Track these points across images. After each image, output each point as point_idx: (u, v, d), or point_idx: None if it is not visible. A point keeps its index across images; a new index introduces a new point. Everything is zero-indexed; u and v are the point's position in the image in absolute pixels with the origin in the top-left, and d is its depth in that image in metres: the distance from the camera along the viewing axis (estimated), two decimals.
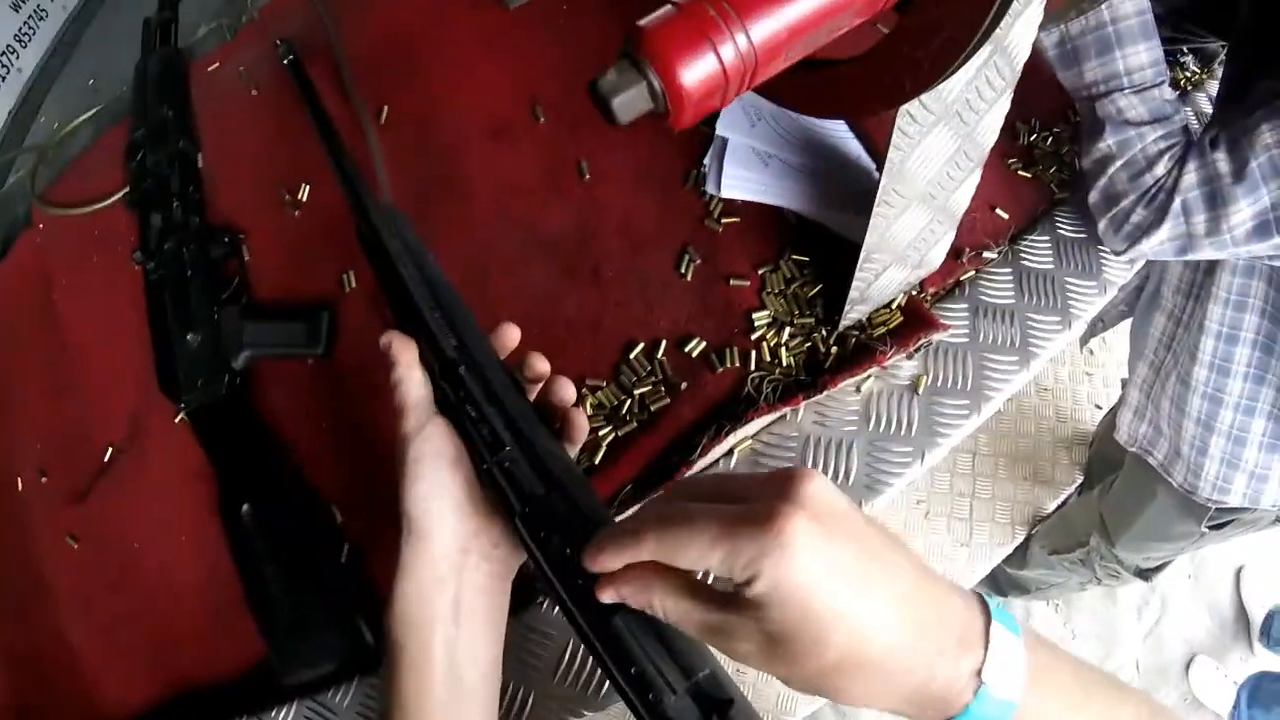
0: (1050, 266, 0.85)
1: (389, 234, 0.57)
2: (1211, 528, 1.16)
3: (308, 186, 0.86)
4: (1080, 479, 1.81)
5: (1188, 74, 1.06)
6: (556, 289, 0.78)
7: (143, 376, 0.85)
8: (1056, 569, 1.71)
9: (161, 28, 1.13)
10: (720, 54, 0.30)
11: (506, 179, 0.84)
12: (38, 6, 2.49)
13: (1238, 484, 1.05)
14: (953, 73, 0.47)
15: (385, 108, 0.89)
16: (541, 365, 0.52)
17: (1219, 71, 1.05)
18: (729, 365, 0.73)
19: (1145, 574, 1.49)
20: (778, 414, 0.71)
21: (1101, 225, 0.82)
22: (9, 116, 2.01)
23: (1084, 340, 1.57)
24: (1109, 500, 1.41)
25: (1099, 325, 1.44)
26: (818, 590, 0.32)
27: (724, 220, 0.79)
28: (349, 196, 0.62)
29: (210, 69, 1.04)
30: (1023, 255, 0.86)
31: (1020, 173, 0.91)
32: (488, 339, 0.53)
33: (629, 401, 0.72)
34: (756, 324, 0.74)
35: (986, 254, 0.84)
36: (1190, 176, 0.75)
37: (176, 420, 0.83)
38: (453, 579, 0.47)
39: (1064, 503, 1.80)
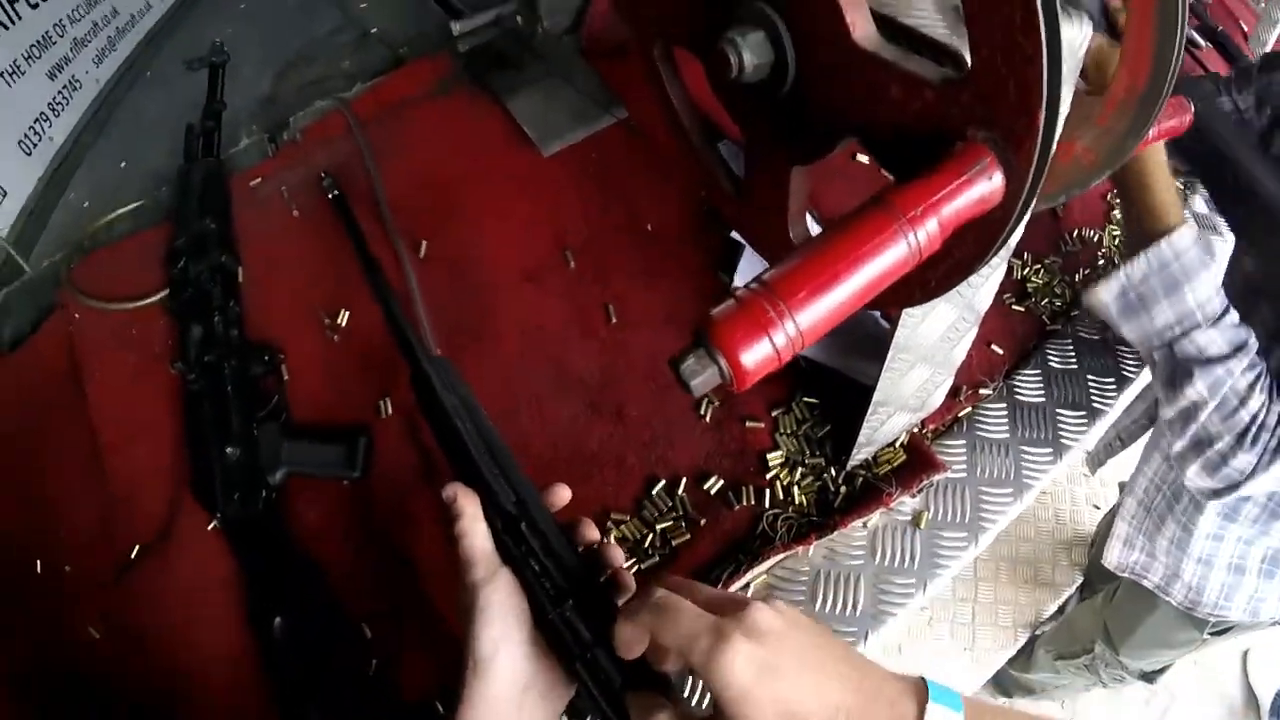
0: (1041, 399, 0.91)
1: (445, 390, 0.62)
2: (1214, 634, 1.20)
3: (347, 312, 0.91)
4: (1080, 580, 1.85)
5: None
6: (583, 426, 0.83)
7: (174, 480, 0.88)
8: (1062, 673, 1.72)
9: (205, 135, 1.19)
10: (774, 341, 0.36)
11: (537, 319, 0.90)
12: (72, 77, 2.54)
13: (1237, 602, 1.08)
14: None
15: (424, 243, 0.94)
16: (593, 533, 0.57)
17: None
18: (745, 503, 0.78)
19: (1149, 676, 1.51)
20: (791, 552, 0.76)
21: (1191, 471, 0.79)
22: (39, 184, 2.06)
23: (1098, 463, 1.58)
24: (1111, 610, 1.44)
25: (1117, 444, 1.46)
26: (753, 687, 0.39)
27: None
28: (403, 350, 0.67)
29: (252, 184, 1.09)
30: (1016, 389, 0.92)
31: (1014, 307, 0.97)
32: (541, 496, 0.57)
33: (651, 535, 0.76)
34: (771, 464, 0.80)
35: (983, 390, 0.90)
36: None
37: (209, 528, 0.86)
38: (514, 714, 0.51)
39: (1065, 604, 1.84)
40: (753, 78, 0.50)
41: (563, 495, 0.59)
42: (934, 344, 0.70)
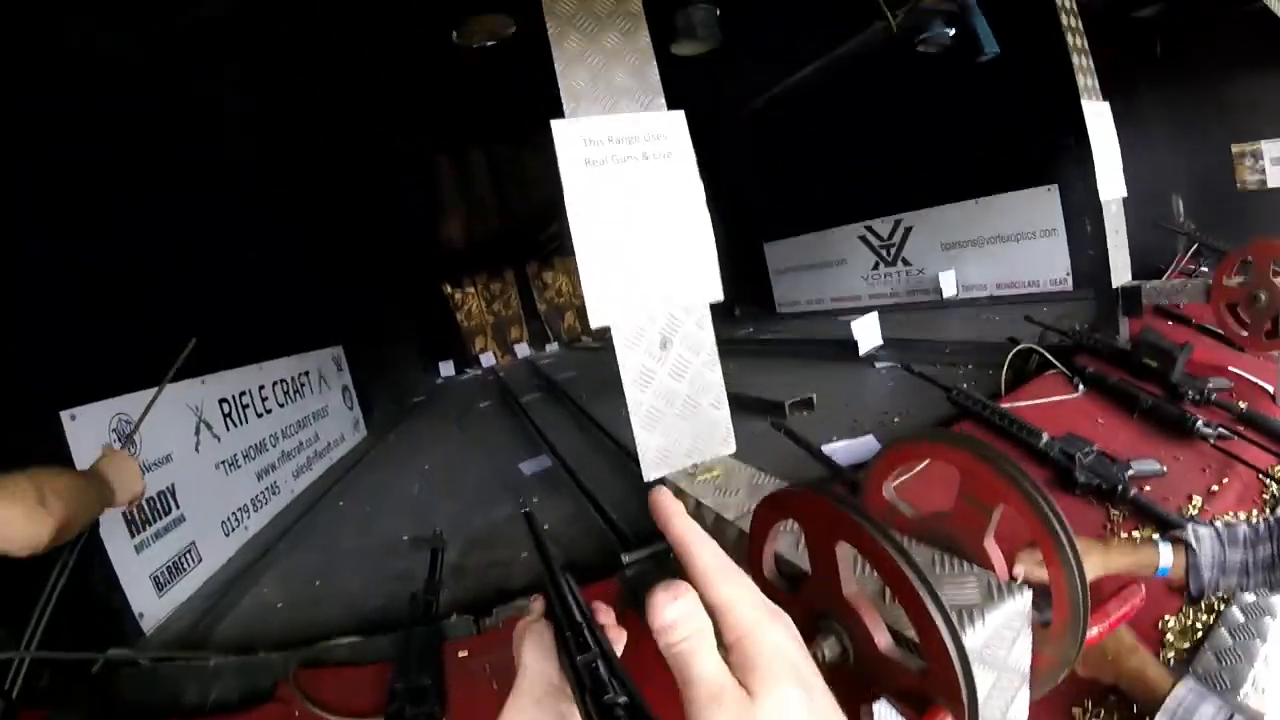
0: None
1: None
2: None
3: None
4: None
5: None
6: None
7: None
8: None
9: (426, 605, 1.60)
10: None
11: None
12: (274, 482, 3.19)
13: None
14: None
15: None
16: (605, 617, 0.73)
17: None
18: None
19: None
20: None
21: None
22: (230, 562, 2.53)
23: None
24: None
25: None
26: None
27: None
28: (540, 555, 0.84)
29: (460, 654, 1.46)
30: None
31: None
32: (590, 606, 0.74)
33: None
34: None
35: None
36: None
37: None
38: (546, 706, 0.64)
39: None
40: (830, 661, 0.84)
41: (603, 613, 0.75)
42: None
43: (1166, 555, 1.25)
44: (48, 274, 2.19)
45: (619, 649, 0.74)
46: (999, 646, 0.84)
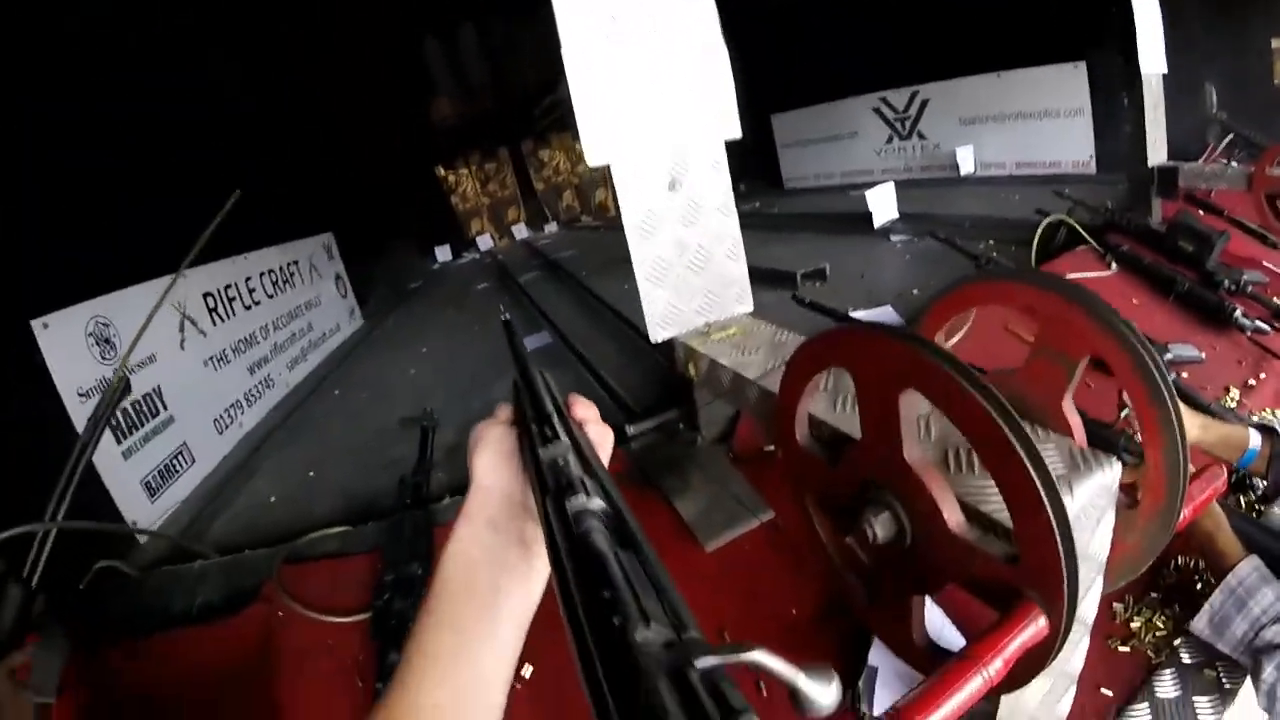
0: None
1: (517, 339, 0.82)
2: None
3: (531, 667, 1.11)
4: None
5: None
6: None
7: None
8: None
9: (415, 488, 1.49)
10: None
11: None
12: (267, 375, 3.12)
13: None
14: None
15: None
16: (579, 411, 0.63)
17: None
18: None
19: None
20: None
21: None
22: (224, 461, 2.47)
23: None
24: None
25: None
26: None
27: None
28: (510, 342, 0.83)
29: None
30: None
31: (1120, 649, 1.09)
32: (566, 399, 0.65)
33: None
34: None
35: None
36: None
37: None
38: (504, 529, 0.56)
39: None
40: (882, 541, 0.71)
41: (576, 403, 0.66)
42: (1035, 708, 0.83)
43: (1256, 440, 1.17)
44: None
45: (605, 454, 0.61)
46: (1081, 529, 0.70)
